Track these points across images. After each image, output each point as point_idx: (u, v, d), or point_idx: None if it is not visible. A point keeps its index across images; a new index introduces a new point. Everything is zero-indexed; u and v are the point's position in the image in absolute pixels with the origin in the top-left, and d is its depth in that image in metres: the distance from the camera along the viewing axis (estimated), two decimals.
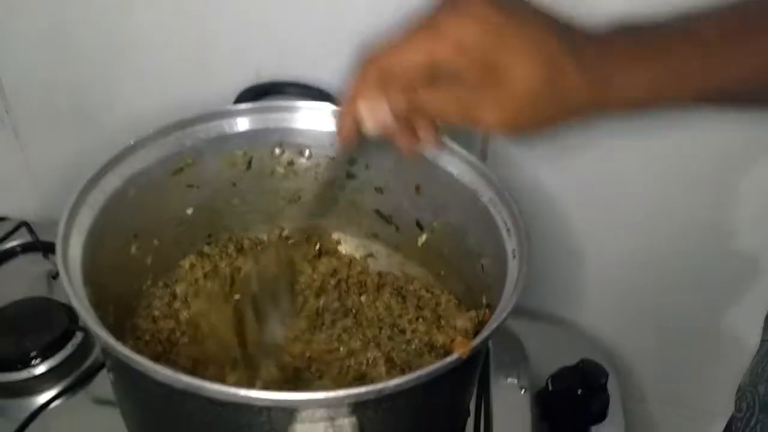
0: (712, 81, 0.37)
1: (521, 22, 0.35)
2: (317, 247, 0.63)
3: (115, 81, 0.69)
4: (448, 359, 0.36)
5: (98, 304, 0.46)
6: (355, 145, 0.43)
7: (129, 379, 0.41)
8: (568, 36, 0.35)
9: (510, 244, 0.48)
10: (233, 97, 0.65)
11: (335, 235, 0.64)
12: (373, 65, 0.38)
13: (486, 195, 0.52)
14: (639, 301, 0.73)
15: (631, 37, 0.37)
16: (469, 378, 0.47)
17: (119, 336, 0.51)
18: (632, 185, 0.66)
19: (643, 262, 0.70)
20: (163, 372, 0.34)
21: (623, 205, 0.67)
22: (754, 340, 0.54)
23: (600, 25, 0.37)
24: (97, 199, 0.48)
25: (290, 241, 0.63)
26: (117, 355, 0.37)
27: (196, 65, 0.67)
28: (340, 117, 0.41)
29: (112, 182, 0.50)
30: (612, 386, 0.60)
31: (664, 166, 0.64)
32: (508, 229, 0.49)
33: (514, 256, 0.47)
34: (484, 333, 0.39)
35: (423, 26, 0.37)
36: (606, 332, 0.76)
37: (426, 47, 0.36)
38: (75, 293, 0.40)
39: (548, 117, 0.37)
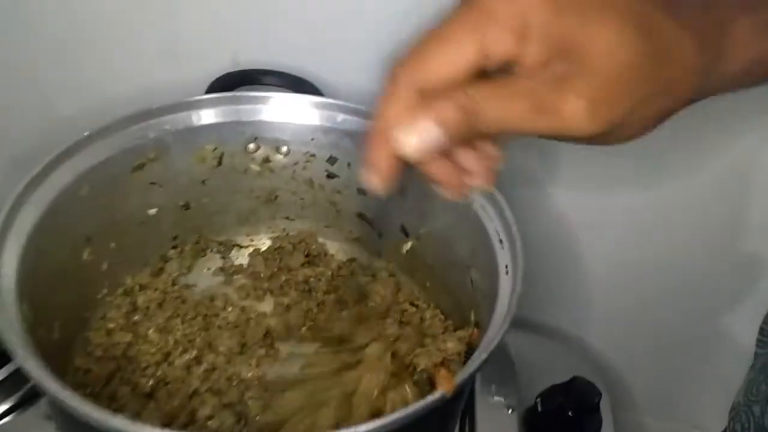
0: None
1: None
2: (306, 253, 0.58)
3: (78, 63, 0.63)
4: (430, 398, 0.32)
5: (39, 319, 0.41)
6: (401, 181, 0.31)
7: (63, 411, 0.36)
8: None
9: (503, 258, 0.44)
10: (208, 84, 0.59)
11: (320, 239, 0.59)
12: (408, 75, 0.29)
13: (477, 201, 0.48)
14: (636, 311, 0.70)
15: None
16: (452, 412, 0.42)
17: (65, 352, 0.47)
18: (631, 191, 0.62)
19: (642, 272, 0.67)
20: (91, 414, 0.29)
21: (622, 211, 0.63)
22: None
23: None
24: (43, 197, 0.43)
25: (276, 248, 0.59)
26: (44, 389, 0.31)
27: (169, 49, 0.61)
28: (372, 149, 0.30)
29: (62, 178, 0.45)
30: (605, 406, 0.56)
31: (663, 170, 0.60)
32: (500, 241, 0.45)
33: (507, 272, 0.43)
34: (472, 366, 0.34)
35: (466, 10, 0.27)
36: (600, 343, 0.73)
37: (476, 38, 0.27)
38: None
39: (651, 98, 0.27)
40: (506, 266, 0.43)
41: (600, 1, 0.26)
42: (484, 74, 0.28)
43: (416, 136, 0.28)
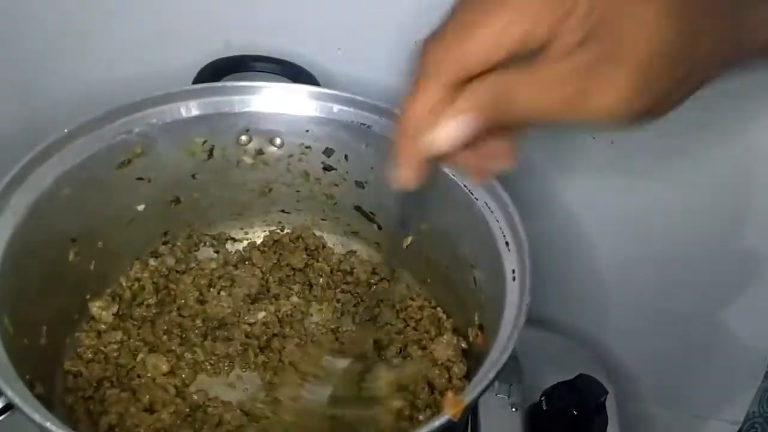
0: None
1: None
2: (305, 250, 0.56)
3: (61, 52, 0.60)
4: (437, 423, 0.30)
5: (23, 328, 0.39)
6: (427, 176, 0.30)
7: None
8: None
9: (509, 262, 0.42)
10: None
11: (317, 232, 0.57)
12: (436, 65, 0.27)
13: (482, 199, 0.45)
14: (641, 305, 0.69)
15: None
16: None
17: (54, 356, 0.45)
18: (636, 188, 0.60)
19: (647, 266, 0.65)
20: None
21: (626, 206, 0.62)
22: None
23: None
24: (21, 201, 0.41)
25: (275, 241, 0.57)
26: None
27: (158, 33, 0.58)
28: (402, 150, 0.29)
29: (42, 180, 0.42)
30: (611, 405, 0.54)
31: (673, 168, 0.58)
32: (506, 243, 0.43)
33: (514, 278, 0.41)
34: (480, 387, 0.33)
35: None
36: (605, 336, 0.71)
37: (519, 23, 0.25)
38: None
39: (684, 78, 0.26)
40: (513, 271, 0.41)
41: None
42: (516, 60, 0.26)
43: (448, 132, 0.27)
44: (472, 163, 0.31)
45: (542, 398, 0.55)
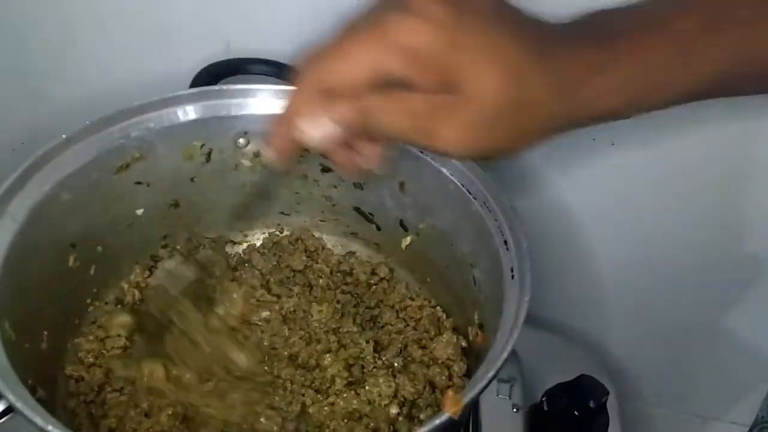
0: (690, 79, 0.33)
1: (480, 23, 0.30)
2: (305, 251, 0.56)
3: (62, 54, 0.60)
4: (438, 421, 0.30)
5: (24, 334, 0.40)
6: (294, 161, 0.36)
7: None
8: (534, 38, 0.30)
9: (508, 261, 0.42)
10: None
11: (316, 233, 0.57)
12: (312, 75, 0.33)
13: (480, 198, 0.45)
14: (642, 307, 0.69)
15: (599, 33, 0.32)
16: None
17: (55, 360, 0.46)
18: (637, 189, 0.60)
19: (648, 267, 0.65)
20: None
21: (627, 208, 0.62)
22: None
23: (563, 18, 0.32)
24: (20, 207, 0.41)
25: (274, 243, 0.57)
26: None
27: (159, 36, 0.58)
28: (275, 130, 0.35)
29: (40, 187, 0.42)
30: (612, 406, 0.54)
31: (670, 166, 0.59)
32: (505, 241, 0.43)
33: (513, 277, 0.41)
34: (480, 385, 0.33)
35: (367, 28, 0.31)
36: (605, 337, 0.72)
37: (371, 56, 0.30)
38: None
39: (514, 136, 0.31)
40: (512, 269, 0.41)
41: (492, 43, 0.30)
42: (385, 85, 0.31)
43: (316, 130, 0.33)
44: (344, 159, 0.37)
45: (543, 399, 0.55)
